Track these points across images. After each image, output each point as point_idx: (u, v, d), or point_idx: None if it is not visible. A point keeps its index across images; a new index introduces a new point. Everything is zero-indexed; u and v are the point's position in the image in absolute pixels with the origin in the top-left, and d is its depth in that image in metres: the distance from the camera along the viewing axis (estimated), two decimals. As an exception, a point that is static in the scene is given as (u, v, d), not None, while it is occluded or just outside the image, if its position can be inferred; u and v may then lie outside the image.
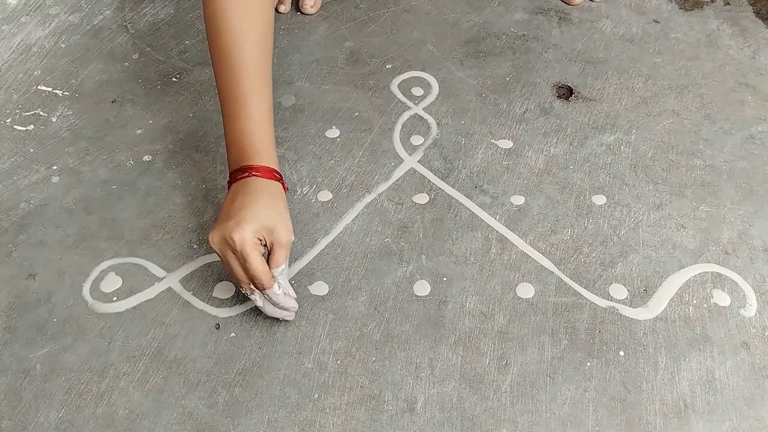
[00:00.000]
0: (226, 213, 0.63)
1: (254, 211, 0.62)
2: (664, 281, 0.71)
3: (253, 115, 0.68)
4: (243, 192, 0.64)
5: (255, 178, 0.65)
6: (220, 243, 0.62)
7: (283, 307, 0.64)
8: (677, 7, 1.04)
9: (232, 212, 0.62)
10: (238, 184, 0.65)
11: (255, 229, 0.61)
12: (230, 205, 0.63)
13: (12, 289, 0.70)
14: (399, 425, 0.61)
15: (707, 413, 0.62)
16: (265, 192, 0.64)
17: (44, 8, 1.03)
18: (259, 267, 0.61)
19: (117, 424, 0.61)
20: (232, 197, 0.64)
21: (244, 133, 0.67)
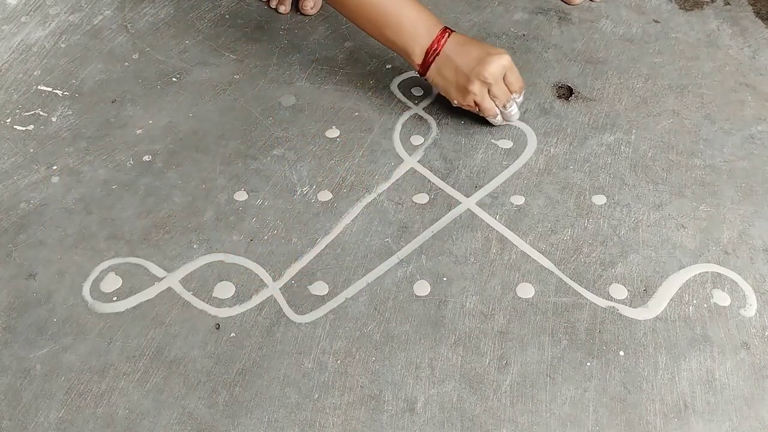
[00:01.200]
0: (475, 57, 0.77)
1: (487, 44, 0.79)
2: (664, 281, 0.71)
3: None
4: (463, 41, 0.78)
5: (454, 33, 0.79)
6: (499, 70, 0.77)
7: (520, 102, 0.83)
8: (677, 7, 1.04)
9: (480, 51, 0.77)
10: (451, 40, 0.78)
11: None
12: (472, 50, 0.77)
13: (12, 289, 0.70)
14: (399, 425, 0.61)
15: (707, 413, 0.62)
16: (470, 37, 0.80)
17: (44, 8, 1.03)
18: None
19: (117, 424, 0.61)
20: (460, 48, 0.77)
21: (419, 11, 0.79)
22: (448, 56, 0.78)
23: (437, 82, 0.80)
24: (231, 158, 0.82)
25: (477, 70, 0.76)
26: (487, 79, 0.76)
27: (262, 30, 1.00)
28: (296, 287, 0.71)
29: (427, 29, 0.78)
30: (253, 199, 0.78)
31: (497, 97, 0.79)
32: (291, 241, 0.74)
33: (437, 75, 0.79)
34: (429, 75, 0.80)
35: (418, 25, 0.78)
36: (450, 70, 0.78)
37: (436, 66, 0.79)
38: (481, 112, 0.80)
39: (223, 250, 0.74)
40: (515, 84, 0.79)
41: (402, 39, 0.79)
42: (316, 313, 0.69)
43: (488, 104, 0.79)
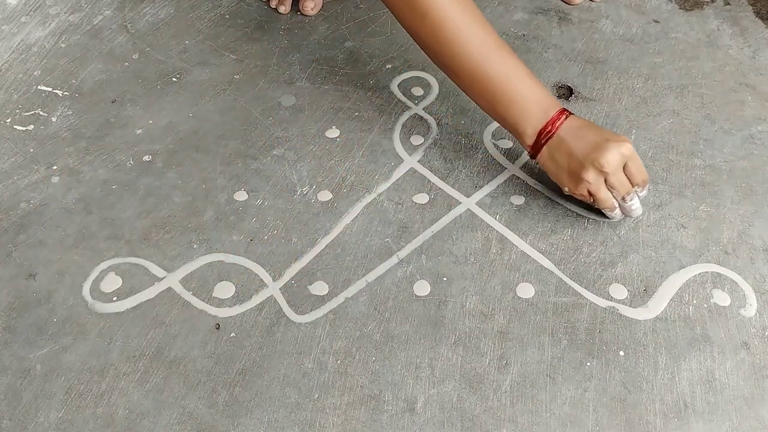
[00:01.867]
0: (592, 142, 0.69)
1: (606, 130, 0.71)
2: (664, 281, 0.71)
3: (529, 73, 0.73)
4: (581, 125, 0.71)
5: (572, 116, 0.71)
6: (618, 158, 0.68)
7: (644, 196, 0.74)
8: (677, 7, 1.04)
9: (598, 136, 0.69)
10: (567, 123, 0.70)
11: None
12: (589, 136, 0.69)
13: (12, 289, 0.70)
14: (399, 425, 0.61)
15: (707, 413, 0.62)
16: (588, 121, 0.72)
17: (44, 8, 1.03)
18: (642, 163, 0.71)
19: (117, 424, 0.61)
20: (576, 132, 0.70)
21: (536, 89, 0.72)
22: (563, 140, 0.70)
23: (549, 167, 0.72)
24: (231, 158, 0.82)
25: (593, 156, 0.68)
26: (604, 167, 0.68)
27: (262, 30, 1.00)
28: (296, 287, 0.71)
29: (543, 109, 0.71)
30: (253, 199, 0.78)
31: (615, 188, 0.70)
32: (291, 241, 0.74)
33: (549, 159, 0.71)
34: (540, 158, 0.73)
35: (533, 104, 0.71)
36: (563, 154, 0.70)
37: (548, 149, 0.71)
38: (596, 203, 0.72)
39: (223, 250, 0.74)
40: (637, 176, 0.70)
41: (513, 116, 0.71)
42: (316, 313, 0.69)
43: (604, 195, 0.70)
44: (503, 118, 0.73)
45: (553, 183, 0.80)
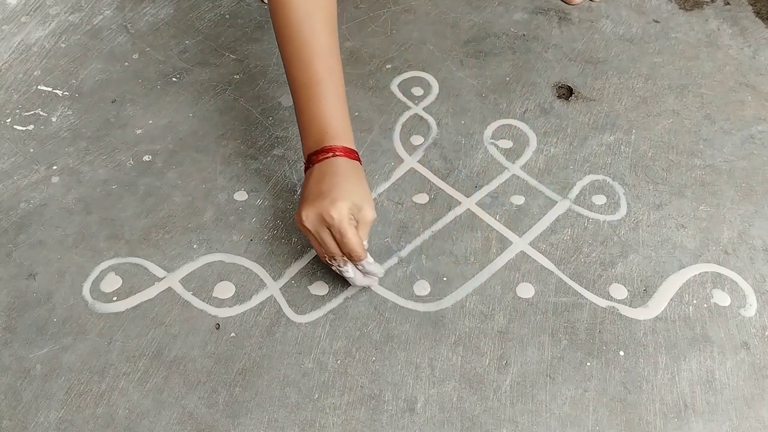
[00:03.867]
0: (316, 192, 0.65)
1: (345, 189, 0.64)
2: (664, 281, 0.71)
3: (331, 97, 0.69)
4: (331, 172, 0.66)
5: (339, 158, 0.67)
6: (316, 220, 0.64)
7: (373, 273, 0.67)
8: (677, 7, 1.04)
9: (324, 192, 0.64)
10: (323, 164, 0.66)
11: (349, 206, 0.63)
12: (319, 185, 0.65)
13: (12, 289, 0.70)
14: (399, 425, 0.61)
15: (707, 413, 0.62)
16: (351, 171, 0.67)
17: (44, 8, 1.03)
18: (356, 240, 0.64)
19: (117, 424, 0.61)
20: (320, 177, 0.66)
21: (323, 114, 0.68)
22: (311, 175, 0.67)
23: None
24: (231, 158, 0.82)
25: (302, 206, 0.65)
26: (300, 221, 0.65)
27: (262, 30, 1.00)
28: (296, 287, 0.71)
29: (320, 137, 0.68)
30: (253, 199, 0.78)
31: (321, 247, 0.65)
32: (291, 241, 0.74)
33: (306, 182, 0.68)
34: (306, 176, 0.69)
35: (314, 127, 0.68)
36: (305, 188, 0.67)
37: (307, 175, 0.68)
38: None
39: (223, 250, 0.74)
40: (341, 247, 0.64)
41: (301, 127, 0.70)
42: (316, 313, 0.69)
43: (314, 246, 0.67)
44: (298, 123, 0.70)
45: (554, 183, 0.80)
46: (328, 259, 0.66)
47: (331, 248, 0.64)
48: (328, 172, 0.66)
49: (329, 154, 0.67)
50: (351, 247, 0.63)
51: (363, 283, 0.68)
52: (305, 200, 0.65)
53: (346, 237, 0.63)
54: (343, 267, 0.66)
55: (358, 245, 0.64)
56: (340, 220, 0.63)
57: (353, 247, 0.63)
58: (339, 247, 0.64)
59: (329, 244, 0.64)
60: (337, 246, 0.64)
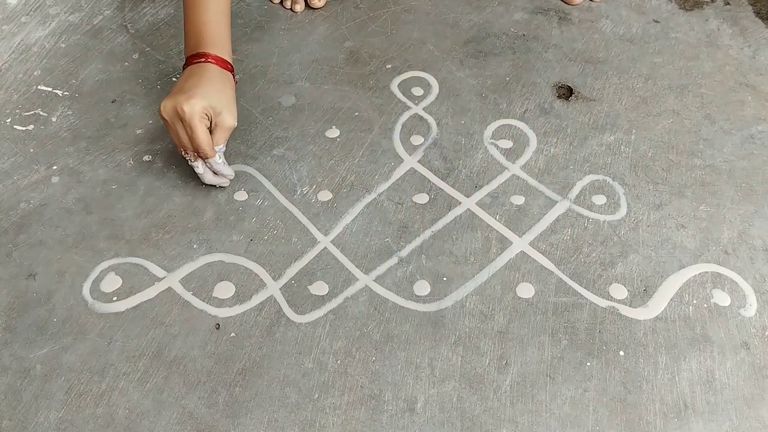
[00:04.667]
0: (179, 87, 0.71)
1: (206, 90, 0.71)
2: (664, 281, 0.71)
3: (212, 7, 0.76)
4: (198, 74, 0.72)
5: (210, 65, 0.73)
6: (171, 112, 0.69)
7: (222, 174, 0.75)
8: (677, 7, 1.04)
9: (185, 88, 0.70)
10: (194, 67, 0.73)
11: (204, 105, 0.69)
12: (184, 83, 0.71)
13: (12, 289, 0.70)
14: (399, 425, 0.61)
15: (707, 413, 0.62)
16: (218, 78, 0.73)
17: (44, 8, 1.03)
18: (204, 138, 0.70)
19: (117, 424, 0.61)
20: (187, 77, 0.72)
21: (203, 22, 0.75)
22: (182, 75, 0.74)
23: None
24: (231, 158, 0.82)
25: (165, 97, 0.71)
26: (159, 110, 0.70)
27: (262, 30, 1.00)
28: (296, 287, 0.71)
29: (196, 43, 0.75)
30: (253, 199, 0.78)
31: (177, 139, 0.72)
32: (291, 241, 0.74)
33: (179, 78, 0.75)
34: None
35: (192, 34, 0.75)
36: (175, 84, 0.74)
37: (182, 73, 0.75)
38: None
39: (223, 250, 0.74)
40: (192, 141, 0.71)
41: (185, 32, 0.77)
42: (316, 313, 0.69)
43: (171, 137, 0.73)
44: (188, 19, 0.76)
45: (554, 183, 0.80)
46: (182, 152, 0.73)
47: (183, 141, 0.71)
48: (196, 73, 0.72)
49: (201, 59, 0.73)
50: (198, 143, 0.70)
51: (212, 181, 0.75)
52: (169, 93, 0.71)
53: (194, 133, 0.70)
54: (193, 161, 0.73)
55: (206, 143, 0.70)
56: (191, 115, 0.69)
57: (200, 144, 0.70)
58: (190, 142, 0.71)
59: (182, 137, 0.71)
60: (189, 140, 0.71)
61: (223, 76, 0.74)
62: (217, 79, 0.73)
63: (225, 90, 0.73)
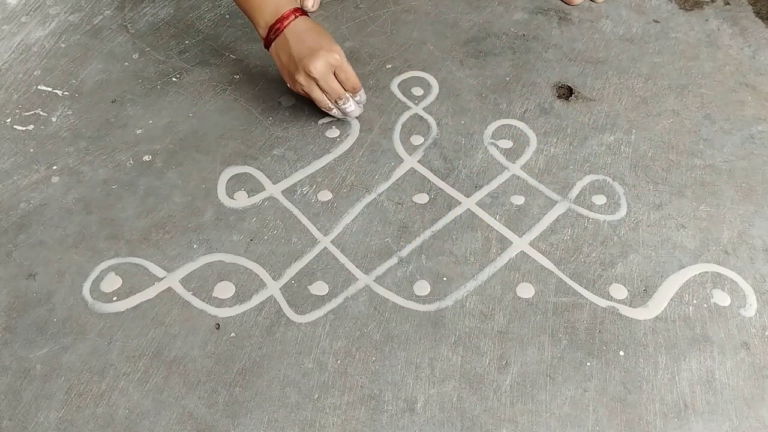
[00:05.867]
0: (308, 48, 0.75)
1: (328, 37, 0.77)
2: (664, 281, 0.71)
3: None
4: (307, 29, 0.76)
5: (303, 17, 0.77)
6: (324, 66, 0.74)
7: (363, 100, 0.83)
8: (677, 7, 1.04)
9: (316, 44, 0.75)
10: (293, 26, 0.76)
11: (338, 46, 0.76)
12: (304, 42, 0.75)
13: (12, 289, 0.70)
14: (399, 425, 0.61)
15: (707, 413, 0.62)
16: (318, 25, 0.78)
17: (44, 8, 1.03)
18: (354, 72, 0.78)
19: (117, 424, 0.61)
20: (299, 37, 0.75)
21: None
22: (287, 40, 0.76)
23: (276, 62, 0.79)
24: (231, 158, 0.82)
25: (304, 61, 0.74)
26: (311, 72, 0.75)
27: (262, 30, 1.00)
28: (296, 287, 0.71)
29: (276, 5, 0.76)
30: (253, 199, 0.78)
31: (327, 93, 0.78)
32: (291, 241, 0.74)
33: (276, 55, 0.78)
34: (271, 52, 0.79)
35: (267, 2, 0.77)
36: (285, 54, 0.77)
37: (275, 45, 0.78)
38: (314, 101, 0.80)
39: (223, 250, 0.74)
40: (346, 83, 0.78)
41: (251, 6, 0.78)
42: (316, 313, 0.69)
43: (318, 96, 0.78)
44: (242, 6, 0.78)
45: (554, 183, 0.80)
46: (332, 103, 0.78)
47: (337, 90, 0.77)
48: (304, 29, 0.75)
49: (292, 17, 0.76)
50: (355, 79, 0.78)
51: (358, 112, 0.82)
52: (303, 58, 0.74)
53: (350, 71, 0.77)
54: (346, 104, 0.79)
55: (355, 75, 0.78)
56: (342, 59, 0.75)
57: (356, 79, 0.78)
58: (343, 86, 0.77)
59: (335, 87, 0.77)
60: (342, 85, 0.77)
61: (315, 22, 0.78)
62: (319, 26, 0.77)
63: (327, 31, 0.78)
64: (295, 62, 0.75)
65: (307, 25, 0.76)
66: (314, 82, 0.76)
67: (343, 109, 0.80)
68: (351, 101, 0.80)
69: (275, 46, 0.78)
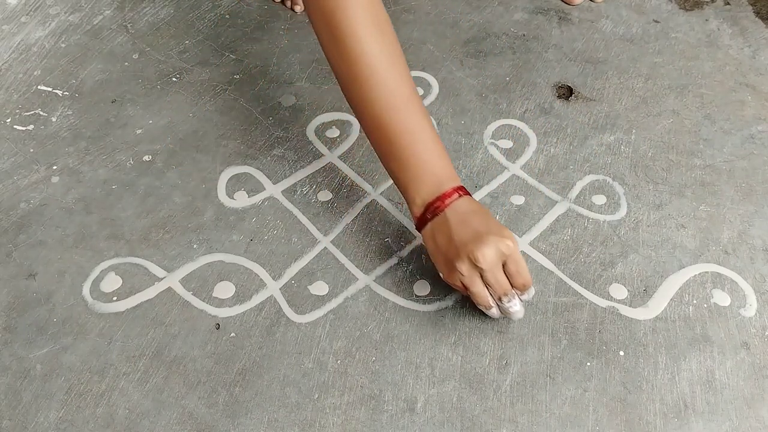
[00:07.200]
0: (474, 231, 0.62)
1: (495, 220, 0.64)
2: (664, 281, 0.71)
3: (436, 138, 0.66)
4: (471, 210, 0.64)
5: (467, 197, 0.65)
6: (495, 256, 0.61)
7: (528, 299, 0.66)
8: (677, 7, 1.04)
9: (485, 228, 0.62)
10: (455, 206, 0.64)
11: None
12: (469, 225, 0.63)
13: (12, 289, 0.70)
14: (399, 425, 0.61)
15: (707, 413, 0.62)
16: (483, 207, 0.66)
17: (44, 8, 1.03)
18: (526, 265, 0.63)
19: (117, 424, 0.61)
20: (463, 218, 0.63)
21: (434, 157, 0.65)
22: (447, 221, 0.63)
23: (429, 246, 0.66)
24: (231, 158, 0.82)
25: (470, 247, 0.61)
26: (478, 261, 0.61)
27: (262, 30, 1.00)
28: (296, 287, 0.71)
29: (438, 181, 0.65)
30: (253, 199, 0.78)
31: (491, 286, 0.63)
32: (291, 241, 0.74)
33: (430, 238, 0.65)
34: (423, 234, 0.66)
35: (428, 173, 0.65)
36: (444, 237, 0.64)
37: (431, 227, 0.65)
38: (471, 296, 0.64)
39: (223, 250, 0.74)
40: (516, 278, 0.63)
41: (406, 179, 0.66)
42: (316, 313, 0.69)
43: (478, 290, 0.63)
44: (396, 177, 0.67)
45: (554, 183, 0.80)
46: (498, 299, 0.63)
47: (506, 285, 0.63)
48: (469, 211, 0.64)
49: (455, 196, 0.64)
50: (527, 274, 0.63)
51: (522, 314, 0.65)
52: (468, 243, 0.61)
53: (522, 264, 0.63)
54: (511, 302, 0.63)
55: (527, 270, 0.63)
56: (515, 249, 0.62)
57: (528, 274, 0.63)
58: (511, 281, 0.63)
59: (503, 281, 0.62)
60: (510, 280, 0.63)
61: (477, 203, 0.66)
62: (483, 207, 0.66)
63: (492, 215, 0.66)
64: (457, 248, 0.62)
65: (471, 206, 0.64)
66: (478, 274, 0.62)
67: (507, 308, 0.64)
68: (516, 300, 0.64)
69: (431, 228, 0.65)
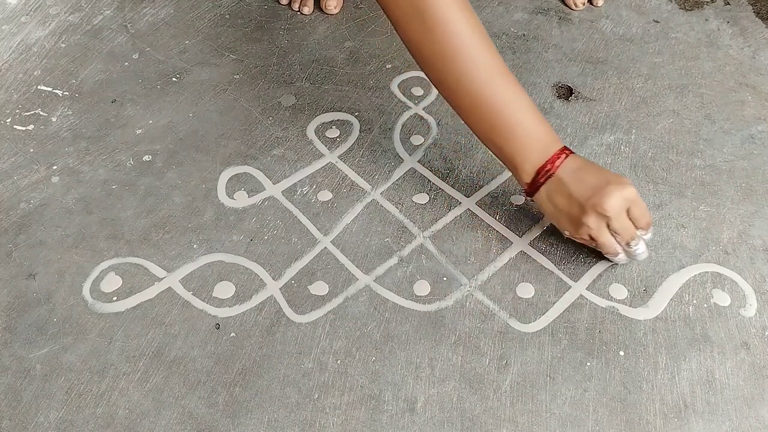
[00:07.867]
0: (592, 186, 0.65)
1: (608, 171, 0.67)
2: (664, 281, 0.71)
3: (533, 105, 0.68)
4: (581, 167, 0.67)
5: (573, 155, 0.68)
6: (620, 203, 0.65)
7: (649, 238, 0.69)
8: (677, 7, 1.04)
9: (600, 180, 0.66)
10: (567, 164, 0.67)
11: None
12: (587, 180, 0.66)
13: (12, 289, 0.70)
14: (399, 425, 0.61)
15: (707, 413, 0.62)
16: (590, 161, 0.69)
17: (44, 8, 1.03)
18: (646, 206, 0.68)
19: (117, 424, 0.61)
20: (579, 175, 0.66)
21: (538, 122, 0.68)
22: (562, 181, 0.66)
23: (546, 208, 0.69)
24: (231, 158, 0.82)
25: (594, 200, 0.64)
26: (606, 212, 0.64)
27: (262, 30, 1.00)
28: (296, 287, 0.71)
29: (543, 145, 0.67)
30: (253, 199, 0.78)
31: (618, 233, 0.66)
32: (291, 241, 0.74)
33: (547, 200, 0.68)
34: (538, 198, 0.69)
35: (533, 139, 0.67)
36: (562, 197, 0.66)
37: (546, 189, 0.67)
38: (598, 247, 0.68)
39: (223, 250, 0.74)
40: (641, 219, 0.66)
41: (511, 148, 0.67)
42: (316, 313, 0.69)
43: (607, 240, 0.67)
44: (500, 149, 0.68)
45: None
46: (626, 243, 0.67)
47: (632, 229, 0.67)
48: (580, 168, 0.67)
49: (563, 157, 0.67)
50: (649, 214, 0.67)
51: (646, 254, 0.70)
52: (591, 197, 0.65)
53: (644, 205, 0.67)
54: (638, 245, 0.67)
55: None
56: (636, 192, 0.66)
57: (647, 214, 0.67)
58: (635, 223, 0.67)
59: (629, 226, 0.66)
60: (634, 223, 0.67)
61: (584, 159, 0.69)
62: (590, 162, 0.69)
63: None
64: (580, 204, 0.65)
65: (581, 163, 0.67)
66: (605, 224, 0.66)
67: (633, 251, 0.68)
68: (642, 241, 0.68)
69: (546, 191, 0.67)
